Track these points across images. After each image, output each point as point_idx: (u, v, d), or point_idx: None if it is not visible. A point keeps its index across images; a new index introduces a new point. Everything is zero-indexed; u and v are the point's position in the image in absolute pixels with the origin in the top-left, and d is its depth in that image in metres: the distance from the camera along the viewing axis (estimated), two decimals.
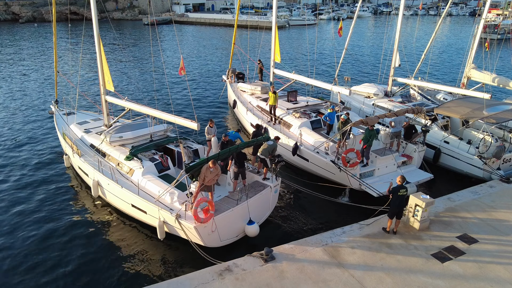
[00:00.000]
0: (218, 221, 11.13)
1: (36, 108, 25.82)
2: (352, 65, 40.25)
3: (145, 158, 13.56)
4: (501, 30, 57.11)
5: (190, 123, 12.17)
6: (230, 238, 11.85)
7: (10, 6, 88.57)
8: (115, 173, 13.07)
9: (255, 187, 12.69)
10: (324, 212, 13.84)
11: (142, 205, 12.02)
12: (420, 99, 21.19)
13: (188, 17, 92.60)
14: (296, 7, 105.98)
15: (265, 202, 12.80)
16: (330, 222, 13.21)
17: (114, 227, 13.03)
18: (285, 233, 12.76)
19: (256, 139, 13.37)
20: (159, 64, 41.07)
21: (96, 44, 14.55)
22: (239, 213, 11.77)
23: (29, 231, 12.78)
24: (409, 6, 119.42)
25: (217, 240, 11.43)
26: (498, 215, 12.52)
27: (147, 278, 10.77)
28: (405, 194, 11.23)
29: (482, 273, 9.95)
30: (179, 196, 11.76)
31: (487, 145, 15.32)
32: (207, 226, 10.90)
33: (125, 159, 13.55)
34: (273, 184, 12.86)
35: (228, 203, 11.84)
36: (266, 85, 21.53)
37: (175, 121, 12.65)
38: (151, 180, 12.57)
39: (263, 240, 11.98)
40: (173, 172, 13.71)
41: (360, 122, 14.29)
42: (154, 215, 11.76)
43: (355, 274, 9.83)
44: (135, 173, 13.07)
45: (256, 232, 11.89)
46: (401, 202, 11.24)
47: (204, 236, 10.99)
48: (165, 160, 13.74)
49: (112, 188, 12.95)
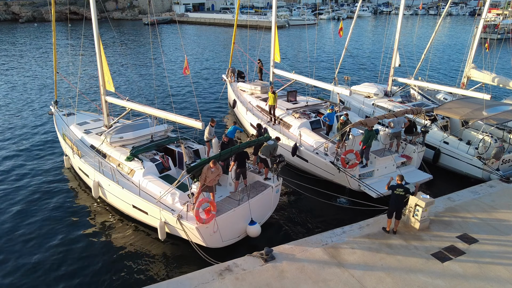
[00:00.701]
0: (220, 221, 11.10)
1: (36, 108, 25.80)
2: (352, 64, 40.28)
3: (146, 159, 13.53)
4: (501, 30, 57.15)
5: (194, 122, 12.13)
6: (232, 239, 11.82)
7: (10, 6, 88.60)
8: (116, 174, 13.04)
9: (257, 187, 12.67)
10: (324, 212, 13.84)
11: (143, 205, 11.99)
12: (420, 99, 21.20)
13: (188, 16, 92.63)
14: (296, 7, 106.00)
15: (266, 202, 12.78)
16: (330, 222, 13.21)
17: (113, 228, 13.03)
18: (285, 233, 12.77)
19: (257, 139, 13.37)
20: (159, 64, 41.07)
21: (96, 44, 14.52)
22: (241, 214, 11.74)
23: (29, 232, 12.77)
24: (409, 6, 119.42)
25: (219, 240, 11.40)
26: (498, 215, 12.52)
27: (146, 278, 10.77)
28: (403, 194, 11.20)
29: (482, 273, 9.96)
30: (181, 197, 11.73)
31: (486, 146, 15.33)
32: (209, 226, 10.87)
33: (125, 160, 13.51)
34: (275, 184, 12.84)
35: (230, 203, 11.81)
36: (266, 85, 21.51)
37: (179, 121, 12.56)
38: (152, 181, 12.53)
39: (263, 240, 11.99)
40: (174, 173, 13.67)
41: (360, 123, 14.29)
42: (155, 215, 11.74)
43: (355, 274, 9.84)
44: (136, 173, 13.04)
45: (258, 233, 11.86)
46: (399, 202, 11.22)
47: (206, 236, 10.97)
48: (166, 160, 13.70)
49: (113, 189, 12.92)
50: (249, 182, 12.94)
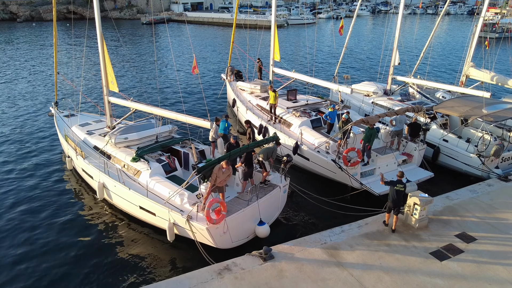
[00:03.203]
0: (229, 222, 10.96)
1: (35, 110, 25.53)
2: (351, 63, 40.28)
3: (152, 160, 13.36)
4: (499, 28, 57.20)
5: (203, 122, 12.04)
6: (241, 239, 11.69)
7: (7, 5, 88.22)
8: (122, 175, 12.86)
9: (264, 187, 12.59)
10: (323, 211, 13.82)
11: (151, 207, 11.82)
12: (419, 97, 21.22)
13: (186, 16, 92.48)
14: (295, 6, 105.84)
15: (274, 202, 12.68)
16: (329, 221, 13.19)
17: (116, 229, 12.99)
18: (284, 232, 12.74)
19: (265, 139, 13.34)
20: (160, 63, 41.01)
21: (99, 44, 14.27)
22: (250, 214, 11.63)
23: (35, 234, 12.67)
24: (408, 5, 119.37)
25: (229, 241, 11.29)
26: (496, 214, 12.53)
27: (145, 277, 10.77)
28: (403, 190, 11.25)
29: (480, 272, 9.97)
30: (189, 197, 11.57)
31: (485, 144, 15.34)
32: (219, 227, 10.74)
33: (131, 161, 13.33)
34: (282, 184, 12.77)
35: (239, 203, 11.69)
36: (265, 84, 21.49)
37: (188, 121, 12.41)
38: (159, 182, 12.36)
39: (262, 239, 11.95)
40: (180, 173, 13.52)
41: (361, 121, 14.29)
42: (163, 217, 11.57)
43: (354, 273, 9.84)
44: (142, 174, 12.86)
45: (267, 233, 11.73)
46: (398, 197, 11.27)
47: (216, 237, 10.84)
48: (172, 161, 13.54)
49: (119, 190, 12.74)
50: (255, 183, 12.79)
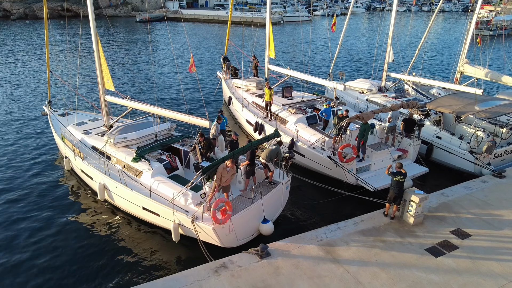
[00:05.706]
0: (235, 221, 10.90)
1: (29, 109, 25.16)
2: (346, 60, 40.33)
3: (153, 159, 13.19)
4: (493, 26, 57.47)
5: (201, 121, 11.95)
6: (246, 238, 11.66)
7: (1, 3, 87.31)
8: (123, 176, 12.65)
9: (267, 185, 12.54)
10: (319, 208, 13.87)
11: (155, 207, 11.70)
12: (413, 94, 21.31)
13: (182, 13, 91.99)
14: (290, 3, 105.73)
15: (277, 199, 12.66)
16: (325, 218, 13.25)
17: (113, 228, 12.91)
18: (280, 229, 12.75)
19: (268, 136, 13.29)
20: (156, 62, 40.80)
21: (93, 42, 14.09)
22: (254, 212, 11.59)
23: (36, 235, 12.57)
24: (403, 2, 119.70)
25: (234, 240, 11.24)
26: (491, 210, 12.64)
27: (142, 276, 10.76)
28: (403, 181, 11.50)
29: (475, 267, 10.06)
30: (193, 197, 11.47)
31: (478, 140, 15.45)
32: (225, 226, 10.69)
33: (132, 161, 13.16)
34: (285, 181, 12.76)
35: (243, 202, 11.61)
36: (261, 81, 21.48)
37: (186, 120, 12.30)
38: (162, 182, 12.20)
39: (266, 236, 11.92)
40: (182, 172, 13.40)
41: (356, 117, 14.36)
42: (168, 217, 11.45)
43: (350, 270, 9.89)
44: (144, 175, 12.69)
45: (271, 231, 11.72)
46: (399, 188, 11.56)
47: (222, 237, 10.80)
48: (174, 160, 13.39)
49: (121, 191, 12.58)
50: (258, 181, 12.72)
